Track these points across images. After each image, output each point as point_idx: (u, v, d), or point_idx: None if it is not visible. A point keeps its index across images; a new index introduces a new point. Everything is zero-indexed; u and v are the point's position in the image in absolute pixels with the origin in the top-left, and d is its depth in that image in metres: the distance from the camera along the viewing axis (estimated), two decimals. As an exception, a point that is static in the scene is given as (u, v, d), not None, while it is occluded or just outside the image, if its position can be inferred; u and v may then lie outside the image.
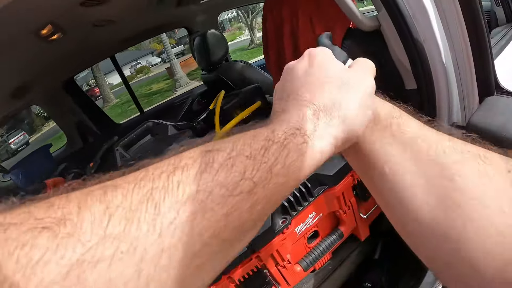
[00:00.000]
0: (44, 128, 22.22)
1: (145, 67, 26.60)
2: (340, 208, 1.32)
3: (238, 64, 2.76)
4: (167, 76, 20.63)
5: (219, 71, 2.85)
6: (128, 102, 18.08)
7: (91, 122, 3.59)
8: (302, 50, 1.41)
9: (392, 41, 1.16)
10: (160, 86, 20.43)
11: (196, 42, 3.00)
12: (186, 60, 19.74)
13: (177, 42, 27.83)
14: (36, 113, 22.52)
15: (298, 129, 0.46)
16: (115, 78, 24.61)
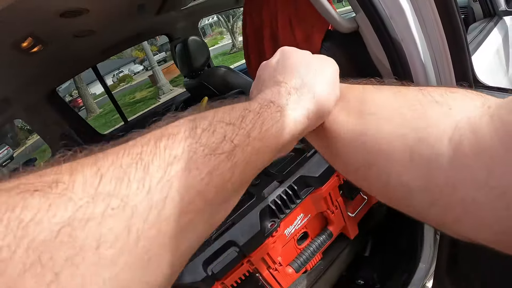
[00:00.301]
0: (28, 142, 22.01)
1: (127, 75, 26.48)
2: (327, 209, 1.34)
3: (220, 69, 2.76)
4: (150, 84, 20.49)
5: (202, 77, 2.84)
6: (112, 111, 17.98)
7: (75, 133, 3.56)
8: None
9: (371, 41, 1.18)
10: (144, 94, 20.27)
11: (178, 49, 2.99)
12: (169, 67, 19.68)
13: (159, 49, 27.76)
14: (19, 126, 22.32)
15: (272, 102, 0.50)
16: (98, 87, 24.47)
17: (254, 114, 0.46)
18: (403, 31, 1.05)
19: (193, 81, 3.02)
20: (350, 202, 1.43)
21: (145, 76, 23.03)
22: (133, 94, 21.12)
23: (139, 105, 17.68)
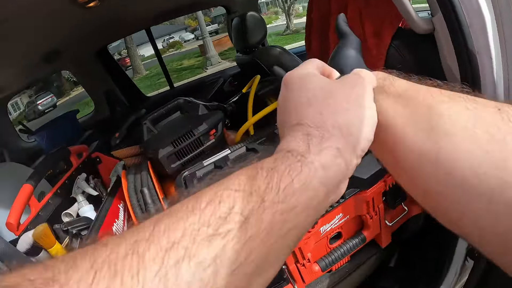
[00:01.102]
0: (72, 93, 22.45)
1: (177, 42, 26.55)
2: (367, 213, 1.30)
3: (275, 49, 2.72)
4: (199, 53, 20.43)
5: (255, 54, 2.81)
6: (158, 75, 18.07)
7: (120, 92, 3.60)
8: None
9: (445, 47, 1.12)
10: (191, 63, 20.30)
11: (235, 23, 2.97)
12: (220, 40, 19.64)
13: (212, 20, 27.68)
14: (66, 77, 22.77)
15: (289, 151, 0.43)
16: (147, 50, 24.67)
17: (267, 171, 0.40)
18: (480, 43, 0.99)
19: (246, 57, 2.99)
20: (390, 211, 1.38)
21: (194, 45, 23.03)
22: (180, 61, 21.12)
23: (185, 73, 17.69)
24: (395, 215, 1.39)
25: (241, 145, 1.58)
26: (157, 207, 1.50)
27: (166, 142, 1.66)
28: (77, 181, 1.68)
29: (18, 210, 1.30)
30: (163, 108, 1.93)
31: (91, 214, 1.57)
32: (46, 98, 19.61)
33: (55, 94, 21.02)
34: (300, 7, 22.10)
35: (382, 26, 1.35)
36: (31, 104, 19.50)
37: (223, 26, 25.92)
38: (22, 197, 1.35)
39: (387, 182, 1.27)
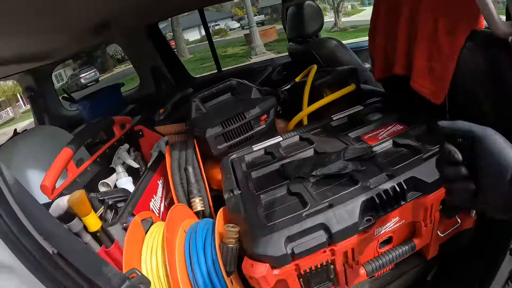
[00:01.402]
0: (115, 70, 22.92)
1: (223, 29, 26.80)
2: (423, 220, 1.20)
3: (331, 41, 2.65)
4: (244, 43, 20.55)
5: (310, 44, 2.74)
6: (201, 60, 18.24)
7: (167, 69, 3.59)
8: (420, 43, 1.27)
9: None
10: (236, 51, 20.31)
11: (291, 11, 2.91)
12: (266, 31, 19.76)
13: (259, 11, 27.83)
14: (110, 54, 23.29)
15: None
16: (191, 35, 25.13)
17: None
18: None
19: (299, 46, 2.92)
20: (444, 221, 1.27)
21: (239, 34, 23.25)
22: (225, 49, 21.22)
23: (229, 60, 17.77)
24: (447, 226, 1.29)
25: (294, 133, 1.54)
26: (199, 187, 1.45)
27: (215, 122, 1.60)
28: (119, 152, 1.62)
29: (55, 173, 1.25)
30: (214, 88, 1.87)
31: (129, 187, 1.52)
32: (89, 72, 20.23)
33: (98, 69, 21.59)
34: (349, 6, 21.99)
35: (457, 24, 1.25)
36: (74, 76, 20.13)
37: (269, 18, 26.08)
38: (60, 161, 1.30)
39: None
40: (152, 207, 1.47)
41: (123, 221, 1.22)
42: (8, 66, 2.76)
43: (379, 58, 1.63)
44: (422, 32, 1.34)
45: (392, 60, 1.52)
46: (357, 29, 16.86)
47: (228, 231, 1.02)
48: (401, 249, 1.25)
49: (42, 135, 1.90)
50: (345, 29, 17.73)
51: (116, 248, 1.15)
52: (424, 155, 1.15)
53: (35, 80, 3.48)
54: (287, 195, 1.14)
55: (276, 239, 0.96)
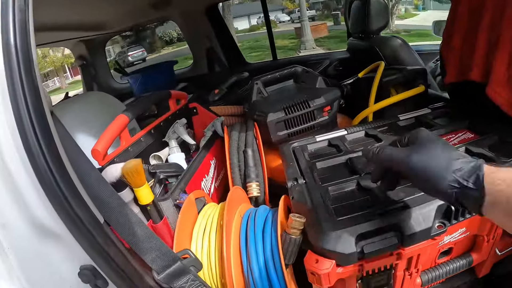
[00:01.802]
0: (162, 51, 23.31)
1: (272, 21, 26.84)
2: (487, 234, 1.14)
3: (396, 40, 2.57)
4: (293, 36, 20.50)
5: (374, 41, 2.66)
6: (249, 49, 18.33)
7: (222, 52, 3.57)
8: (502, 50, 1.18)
9: None
10: (285, 43, 20.20)
11: (355, 6, 2.84)
12: (317, 26, 19.74)
13: (310, 6, 27.81)
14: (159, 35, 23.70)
15: None
16: (240, 24, 25.36)
17: None
18: None
19: (361, 42, 2.86)
20: (505, 239, 1.21)
21: (289, 27, 23.28)
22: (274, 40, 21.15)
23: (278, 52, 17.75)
24: (506, 245, 1.23)
25: (359, 128, 1.47)
26: (257, 171, 1.40)
27: (278, 108, 1.55)
28: (175, 126, 1.58)
29: (109, 138, 1.19)
30: (278, 72, 1.83)
31: (182, 163, 1.47)
32: (137, 51, 20.77)
33: (145, 49, 22.06)
34: (402, 9, 21.77)
35: None
36: (122, 54, 20.69)
37: (320, 13, 26.04)
38: (115, 127, 1.25)
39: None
40: (203, 186, 1.42)
41: (175, 197, 1.16)
42: (67, 32, 2.79)
43: (453, 61, 1.54)
44: (504, 39, 1.25)
45: (467, 65, 1.43)
46: (409, 33, 16.65)
47: (294, 221, 0.95)
48: (459, 262, 1.20)
49: (94, 99, 1.88)
50: (398, 32, 17.52)
51: (163, 225, 1.10)
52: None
53: (89, 49, 3.59)
54: (357, 191, 1.08)
55: (347, 235, 0.90)
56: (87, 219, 0.76)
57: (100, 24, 2.95)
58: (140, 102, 1.50)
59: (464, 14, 1.47)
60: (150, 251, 0.88)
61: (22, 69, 0.70)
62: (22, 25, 0.71)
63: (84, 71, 3.70)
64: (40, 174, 0.72)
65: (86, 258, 0.80)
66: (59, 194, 0.72)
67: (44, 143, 0.71)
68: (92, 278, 0.82)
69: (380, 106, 1.71)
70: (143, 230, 0.89)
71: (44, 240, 0.80)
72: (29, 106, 0.69)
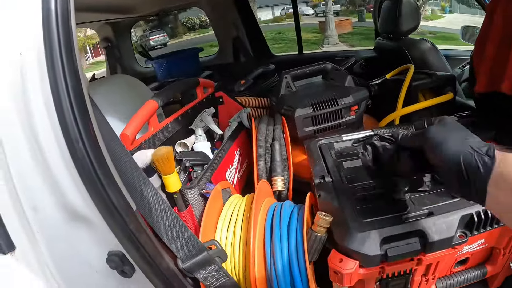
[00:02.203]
0: (184, 37, 23.36)
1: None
2: (503, 247, 1.15)
3: (425, 43, 2.53)
4: (317, 30, 20.36)
5: (404, 42, 2.62)
6: (272, 40, 18.26)
7: (248, 42, 3.58)
8: None
9: None
10: (308, 37, 20.02)
11: (386, 5, 2.78)
12: (341, 21, 19.60)
13: (335, 0, 27.63)
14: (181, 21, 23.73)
15: None
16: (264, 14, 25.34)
17: None
18: None
19: (390, 43, 2.82)
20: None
21: (312, 21, 23.12)
22: (298, 32, 21.14)
23: (301, 45, 17.80)
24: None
25: (386, 131, 1.44)
26: (283, 166, 1.40)
27: (306, 103, 1.56)
28: (203, 114, 1.58)
29: (138, 123, 1.20)
30: (307, 68, 1.83)
31: (207, 152, 1.47)
32: (158, 36, 20.86)
33: (167, 34, 22.13)
34: (429, 10, 21.56)
35: None
36: (144, 37, 20.74)
37: (344, 9, 25.87)
38: (145, 112, 1.26)
39: None
40: (227, 177, 1.44)
41: (201, 187, 1.17)
42: (94, 14, 2.80)
43: (485, 71, 1.52)
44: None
45: (499, 76, 1.42)
46: (435, 35, 16.49)
47: (321, 219, 0.95)
48: (474, 273, 1.21)
49: (120, 83, 1.88)
50: (423, 33, 17.33)
51: (188, 214, 1.11)
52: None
53: (114, 32, 3.60)
54: (383, 194, 1.07)
55: (373, 237, 0.91)
56: (121, 205, 0.76)
57: (128, 7, 2.97)
58: (169, 88, 1.50)
59: (498, 23, 1.45)
60: (177, 240, 0.89)
61: (63, 49, 0.69)
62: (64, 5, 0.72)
63: (108, 53, 3.73)
64: (78, 160, 0.72)
65: (115, 244, 0.81)
66: (96, 180, 0.73)
67: (83, 127, 0.71)
68: (120, 264, 0.82)
69: (408, 111, 1.70)
70: (172, 219, 0.90)
71: (75, 224, 0.81)
72: (69, 90, 0.69)
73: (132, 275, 0.85)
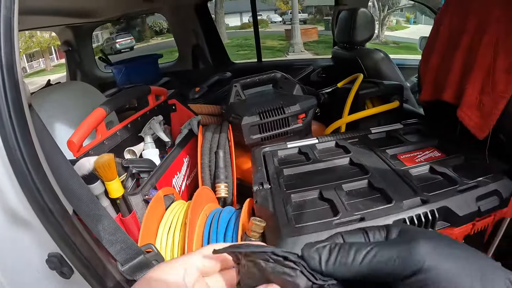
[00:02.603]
0: (151, 41, 23.21)
1: (264, 21, 26.86)
2: None
3: (379, 53, 2.61)
4: (283, 37, 20.46)
5: (357, 52, 2.70)
6: (237, 46, 18.29)
7: (208, 50, 3.62)
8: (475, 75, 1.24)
9: None
10: (274, 44, 20.15)
11: (343, 16, 2.87)
12: (307, 30, 19.75)
13: (303, 9, 27.82)
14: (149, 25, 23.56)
15: None
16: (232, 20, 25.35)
17: None
18: None
19: (345, 52, 2.89)
20: None
21: (279, 28, 23.26)
22: (264, 40, 21.17)
23: (266, 52, 17.79)
24: None
25: (331, 138, 1.51)
26: (227, 173, 1.43)
27: (253, 111, 1.59)
28: (152, 122, 1.61)
29: (85, 131, 1.23)
30: (257, 77, 1.87)
31: (155, 159, 1.50)
32: (125, 39, 20.59)
33: (134, 38, 21.90)
34: (394, 20, 21.90)
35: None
36: (110, 40, 20.51)
37: (311, 17, 26.07)
38: (92, 119, 1.28)
39: (475, 225, 1.13)
40: (174, 183, 1.46)
41: (144, 193, 1.20)
42: (55, 17, 2.79)
43: (429, 80, 1.59)
44: (479, 64, 1.30)
45: (442, 86, 1.48)
46: (398, 45, 16.75)
47: (254, 224, 0.99)
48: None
49: (75, 90, 1.89)
50: (387, 43, 17.61)
51: (132, 219, 1.14)
52: (459, 187, 1.12)
53: (75, 36, 3.60)
54: (318, 200, 1.11)
55: (303, 242, 0.93)
56: (56, 209, 0.79)
57: (89, 11, 2.96)
58: (119, 96, 1.52)
59: (444, 35, 1.51)
60: (115, 243, 0.92)
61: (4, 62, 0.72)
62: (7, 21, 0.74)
63: (68, 57, 3.70)
64: (15, 165, 0.75)
65: (54, 246, 0.83)
66: (32, 185, 0.76)
67: (21, 136, 0.74)
68: (59, 265, 0.85)
69: (353, 118, 1.75)
70: (110, 223, 0.92)
71: (16, 227, 0.84)
72: (8, 100, 0.72)
73: (71, 276, 0.88)
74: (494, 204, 1.09)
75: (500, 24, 1.26)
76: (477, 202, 1.06)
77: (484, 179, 1.13)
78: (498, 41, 1.27)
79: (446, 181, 1.17)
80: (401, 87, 1.87)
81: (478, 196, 1.07)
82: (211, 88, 2.46)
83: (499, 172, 1.16)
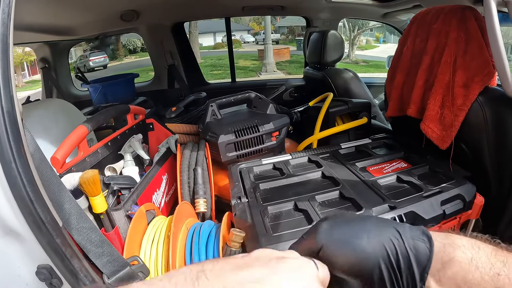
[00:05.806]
0: (125, 59, 22.96)
1: (237, 41, 26.87)
2: None
3: (348, 73, 2.70)
4: (256, 57, 20.57)
5: (328, 72, 2.77)
6: (210, 66, 18.27)
7: (183, 70, 3.66)
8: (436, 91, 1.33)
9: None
10: (247, 64, 20.26)
11: (314, 37, 2.98)
12: (280, 50, 19.86)
13: (276, 29, 27.96)
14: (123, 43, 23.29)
15: None
16: (205, 40, 25.25)
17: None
18: None
19: (316, 72, 2.97)
20: None
21: (253, 48, 23.27)
22: (237, 60, 21.16)
23: (239, 72, 17.78)
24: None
25: (303, 154, 1.59)
26: (205, 189, 1.48)
27: (229, 130, 1.66)
28: (131, 140, 1.64)
29: (68, 148, 1.25)
30: (233, 97, 1.94)
31: (135, 176, 1.53)
32: (99, 57, 20.23)
33: (108, 56, 21.58)
34: (364, 40, 22.18)
35: (473, 79, 1.34)
36: (83, 58, 20.09)
37: (284, 37, 26.22)
38: (75, 137, 1.31)
39: (442, 228, 1.22)
40: (154, 200, 1.50)
41: (127, 208, 1.23)
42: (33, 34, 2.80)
43: (395, 97, 1.67)
44: (439, 81, 1.41)
45: (407, 102, 1.58)
46: (368, 64, 17.00)
47: (234, 235, 1.04)
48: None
49: (55, 107, 1.90)
50: (357, 62, 17.87)
51: (115, 234, 1.17)
52: (424, 193, 1.21)
53: (52, 53, 3.56)
54: (293, 211, 1.18)
55: (280, 249, 0.98)
56: (48, 221, 0.82)
57: (68, 29, 2.95)
58: (100, 114, 1.55)
59: (407, 56, 1.61)
60: (102, 256, 0.95)
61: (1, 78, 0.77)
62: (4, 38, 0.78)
63: (45, 74, 3.67)
64: (11, 178, 0.78)
65: (44, 257, 0.86)
66: (26, 197, 0.79)
67: (15, 149, 0.78)
68: (49, 277, 0.88)
69: (324, 135, 1.84)
70: (97, 236, 0.95)
71: (5, 239, 0.86)
72: (4, 113, 0.76)
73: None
74: (459, 207, 1.17)
75: (458, 44, 1.36)
76: (442, 206, 1.15)
77: (448, 185, 1.22)
78: (456, 59, 1.37)
79: (412, 189, 1.26)
80: (369, 105, 1.96)
81: (443, 201, 1.15)
82: (187, 107, 2.50)
83: (462, 178, 1.26)
